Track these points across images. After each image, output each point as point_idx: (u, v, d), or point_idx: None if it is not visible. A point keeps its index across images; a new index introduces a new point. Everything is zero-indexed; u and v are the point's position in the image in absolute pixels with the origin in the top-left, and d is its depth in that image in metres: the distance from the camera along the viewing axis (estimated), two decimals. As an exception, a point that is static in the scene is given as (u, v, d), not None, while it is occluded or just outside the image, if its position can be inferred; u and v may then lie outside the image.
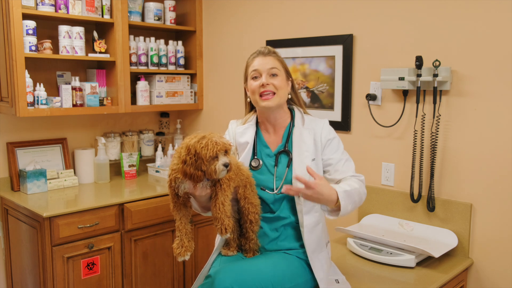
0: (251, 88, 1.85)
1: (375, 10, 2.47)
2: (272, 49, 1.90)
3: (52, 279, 2.44)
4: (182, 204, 1.70)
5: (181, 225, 1.70)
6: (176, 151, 1.64)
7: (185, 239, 1.69)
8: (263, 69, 1.82)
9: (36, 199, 2.64)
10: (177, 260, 1.71)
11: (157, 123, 3.59)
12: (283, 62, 1.89)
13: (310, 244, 1.80)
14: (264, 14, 3.00)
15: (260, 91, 1.81)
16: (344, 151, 1.91)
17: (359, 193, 1.77)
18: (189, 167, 1.55)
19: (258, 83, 1.81)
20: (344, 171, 1.84)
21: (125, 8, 2.97)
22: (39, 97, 2.67)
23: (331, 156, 1.86)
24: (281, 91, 1.83)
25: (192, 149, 1.55)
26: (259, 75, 1.83)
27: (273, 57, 1.86)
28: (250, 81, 1.86)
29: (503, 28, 2.07)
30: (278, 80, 1.82)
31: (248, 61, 1.90)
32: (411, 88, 2.30)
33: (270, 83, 1.81)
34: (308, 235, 1.80)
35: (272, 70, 1.82)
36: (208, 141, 1.55)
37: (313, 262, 1.79)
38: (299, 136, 1.86)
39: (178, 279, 2.97)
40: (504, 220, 2.13)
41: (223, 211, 1.62)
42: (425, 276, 2.05)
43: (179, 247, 1.69)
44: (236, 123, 1.99)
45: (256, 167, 1.86)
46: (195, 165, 1.55)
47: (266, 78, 1.81)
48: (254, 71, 1.84)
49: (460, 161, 2.25)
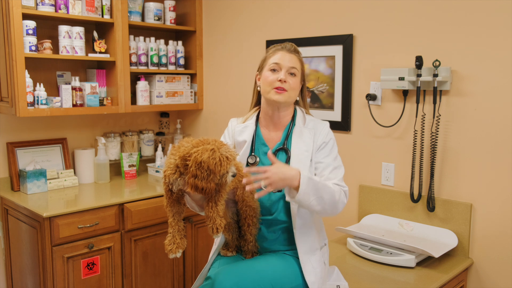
0: (267, 79, 1.83)
1: (375, 10, 2.47)
2: (297, 48, 1.88)
3: (52, 279, 2.44)
4: (176, 201, 1.69)
5: (174, 221, 1.68)
6: (173, 148, 1.63)
7: (178, 236, 1.68)
8: (284, 65, 1.81)
9: (36, 199, 2.64)
10: (168, 257, 1.70)
11: (157, 123, 3.59)
12: (303, 65, 1.88)
13: (301, 246, 1.78)
14: (264, 14, 3.00)
15: (275, 85, 1.80)
16: (337, 158, 1.86)
17: (331, 194, 1.70)
18: (201, 181, 1.53)
19: (276, 77, 1.80)
20: (329, 178, 1.79)
21: (125, 8, 2.97)
22: (39, 97, 2.67)
23: (321, 160, 1.83)
24: (292, 92, 1.83)
25: (204, 165, 1.52)
26: (279, 69, 1.82)
27: (296, 57, 1.85)
28: (267, 72, 1.84)
29: (503, 28, 2.07)
30: (294, 81, 1.82)
31: (269, 51, 1.88)
32: (411, 88, 2.30)
33: (287, 81, 1.80)
34: (299, 237, 1.78)
35: (292, 70, 1.82)
36: (220, 156, 1.54)
37: (304, 265, 1.76)
38: (299, 135, 1.85)
39: (178, 279, 2.97)
40: (504, 220, 2.13)
41: (216, 211, 1.61)
42: (425, 276, 2.05)
43: (171, 243, 1.67)
44: (236, 121, 1.98)
45: (253, 163, 1.84)
46: (207, 179, 1.53)
47: (285, 75, 1.80)
48: (275, 64, 1.82)
49: (460, 161, 2.25)
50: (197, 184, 1.53)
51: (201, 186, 1.53)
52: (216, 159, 1.53)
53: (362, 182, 2.61)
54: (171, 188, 1.64)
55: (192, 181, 1.54)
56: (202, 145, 1.55)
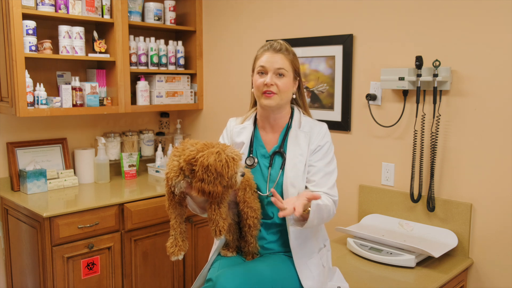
0: (255, 83, 1.80)
1: (375, 10, 2.47)
2: (285, 46, 1.80)
3: (52, 279, 2.44)
4: (178, 203, 1.68)
5: (176, 224, 1.68)
6: (175, 149, 1.63)
7: (179, 238, 1.68)
8: (270, 68, 1.76)
9: (36, 199, 2.64)
10: (170, 259, 1.69)
11: (157, 123, 3.59)
12: (293, 62, 1.81)
13: (297, 251, 1.76)
14: (264, 14, 3.00)
15: (263, 90, 1.77)
16: (332, 163, 1.81)
17: (328, 212, 1.71)
18: (208, 185, 1.52)
19: (263, 81, 1.76)
20: (319, 184, 1.76)
21: (125, 8, 2.97)
22: (39, 97, 2.67)
23: (314, 164, 1.79)
24: (283, 94, 1.78)
25: (211, 168, 1.51)
26: (265, 72, 1.77)
27: (284, 56, 1.78)
28: (255, 75, 1.81)
29: (503, 28, 2.07)
30: (283, 82, 1.77)
31: (258, 53, 1.83)
32: (411, 88, 2.29)
33: (274, 84, 1.75)
34: (293, 240, 1.76)
35: (279, 71, 1.76)
36: (226, 158, 1.53)
37: (300, 270, 1.74)
38: (294, 139, 1.81)
39: (178, 279, 2.97)
40: (504, 220, 2.13)
41: (219, 213, 1.60)
42: (425, 276, 2.05)
43: (173, 246, 1.67)
44: (235, 121, 1.96)
45: (251, 165, 1.83)
46: (213, 183, 1.53)
47: (271, 77, 1.75)
48: (261, 67, 1.78)
49: (460, 161, 2.25)
50: (204, 188, 1.52)
51: (208, 190, 1.53)
52: (223, 161, 1.52)
53: (362, 182, 2.61)
54: (173, 191, 1.64)
55: (199, 185, 1.53)
56: (207, 148, 1.55)
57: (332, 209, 1.74)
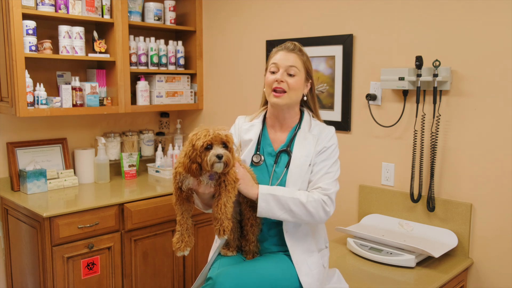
0: (266, 81, 1.82)
1: (375, 10, 2.47)
2: (299, 47, 1.82)
3: (52, 279, 2.44)
4: (185, 199, 1.67)
5: (183, 219, 1.67)
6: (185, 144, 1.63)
7: (186, 234, 1.67)
8: (282, 65, 1.78)
9: (36, 199, 2.64)
10: (176, 254, 1.68)
11: (157, 123, 3.59)
12: (306, 63, 1.82)
13: (295, 248, 1.77)
14: (264, 14, 3.00)
15: (273, 86, 1.79)
16: (335, 164, 1.81)
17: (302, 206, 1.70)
18: (186, 159, 1.53)
19: (274, 78, 1.79)
20: (316, 181, 1.77)
21: (125, 8, 2.97)
22: (39, 97, 2.67)
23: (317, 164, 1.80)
24: (293, 92, 1.79)
25: (190, 141, 1.53)
26: (277, 70, 1.79)
27: (297, 55, 1.80)
28: (268, 73, 1.83)
29: (503, 28, 2.07)
30: (294, 80, 1.78)
31: (271, 52, 1.86)
32: (411, 88, 2.30)
33: (285, 81, 1.77)
34: (290, 239, 1.77)
35: (291, 69, 1.78)
36: (204, 131, 1.53)
37: (298, 266, 1.75)
38: (303, 140, 1.83)
39: (178, 279, 2.97)
40: (504, 220, 2.13)
41: (224, 213, 1.59)
42: (425, 276, 2.05)
43: (179, 241, 1.66)
44: (244, 119, 1.97)
45: (257, 162, 1.84)
46: (191, 157, 1.52)
47: (282, 75, 1.77)
48: (273, 65, 1.81)
49: (460, 161, 2.25)
50: (184, 162, 1.54)
51: (185, 164, 1.53)
52: (198, 135, 1.53)
53: (362, 182, 2.61)
54: (181, 186, 1.63)
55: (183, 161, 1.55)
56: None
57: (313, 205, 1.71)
